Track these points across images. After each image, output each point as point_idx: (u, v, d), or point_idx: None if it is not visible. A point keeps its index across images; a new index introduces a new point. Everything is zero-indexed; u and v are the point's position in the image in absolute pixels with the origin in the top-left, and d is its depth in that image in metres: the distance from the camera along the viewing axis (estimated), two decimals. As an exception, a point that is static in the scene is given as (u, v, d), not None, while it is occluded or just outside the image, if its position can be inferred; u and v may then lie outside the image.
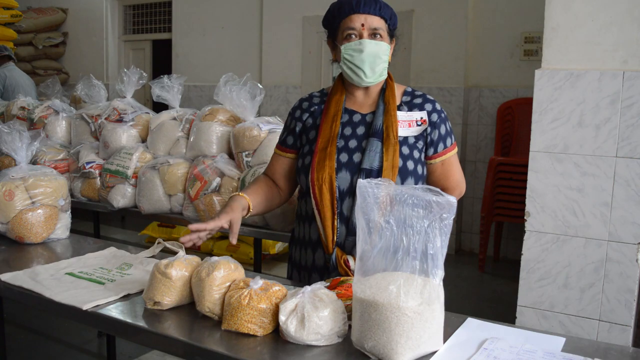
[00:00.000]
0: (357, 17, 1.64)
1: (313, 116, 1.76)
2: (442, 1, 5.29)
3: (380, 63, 1.65)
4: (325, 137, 1.68)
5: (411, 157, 1.67)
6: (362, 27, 1.63)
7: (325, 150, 1.66)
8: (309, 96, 1.83)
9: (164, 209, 2.62)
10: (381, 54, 1.65)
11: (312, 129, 1.75)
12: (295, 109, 1.82)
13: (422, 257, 1.16)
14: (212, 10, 6.78)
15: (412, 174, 1.66)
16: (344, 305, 1.28)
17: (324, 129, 1.69)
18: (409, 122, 1.69)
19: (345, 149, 1.67)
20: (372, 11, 1.63)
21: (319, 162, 1.65)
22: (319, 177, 1.64)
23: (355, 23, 1.64)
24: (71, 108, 3.33)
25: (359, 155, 1.66)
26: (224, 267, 1.38)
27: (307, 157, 1.72)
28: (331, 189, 1.63)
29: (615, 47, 2.25)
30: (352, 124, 1.71)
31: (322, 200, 1.63)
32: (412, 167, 1.67)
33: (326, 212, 1.63)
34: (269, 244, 4.62)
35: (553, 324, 2.40)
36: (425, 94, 1.76)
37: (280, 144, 1.84)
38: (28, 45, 7.49)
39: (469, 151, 5.41)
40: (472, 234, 5.39)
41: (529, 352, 1.21)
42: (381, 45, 1.65)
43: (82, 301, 1.48)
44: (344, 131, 1.70)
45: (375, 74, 1.66)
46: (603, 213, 2.28)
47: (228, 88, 2.60)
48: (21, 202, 2.04)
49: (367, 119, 1.70)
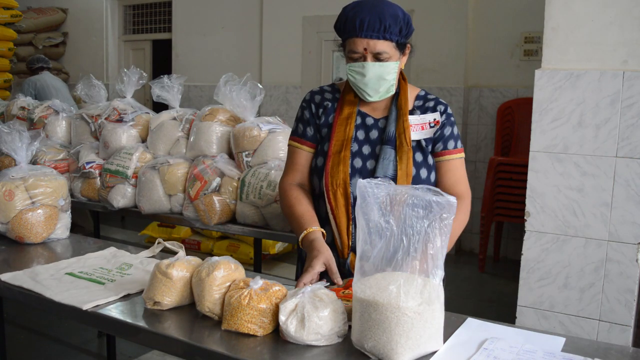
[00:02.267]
0: (360, 41, 1.55)
1: (326, 113, 1.71)
2: (442, 1, 5.29)
3: (385, 84, 1.61)
4: (339, 139, 1.65)
5: (425, 164, 1.66)
6: (364, 51, 1.56)
7: (340, 154, 1.63)
8: (320, 89, 1.76)
9: (164, 209, 2.62)
10: (385, 75, 1.59)
11: (324, 126, 1.70)
12: (309, 102, 1.74)
13: (422, 257, 1.16)
14: (212, 10, 6.78)
15: (426, 183, 1.64)
16: (344, 306, 1.28)
17: (338, 130, 1.66)
18: (422, 125, 1.66)
19: (359, 154, 1.65)
20: (374, 35, 1.54)
21: (333, 167, 1.63)
22: (333, 182, 1.61)
23: (357, 47, 1.56)
24: (71, 108, 3.33)
25: (372, 162, 1.64)
26: (224, 267, 1.38)
27: (319, 158, 1.68)
28: (346, 194, 1.61)
29: (615, 47, 2.25)
30: (365, 127, 1.68)
31: (337, 206, 1.61)
32: (425, 175, 1.65)
33: (341, 217, 1.61)
34: (269, 244, 4.62)
35: (553, 324, 2.40)
36: (438, 98, 1.73)
37: (299, 136, 1.73)
38: (28, 45, 7.49)
39: (469, 151, 5.41)
40: (472, 234, 5.38)
41: (529, 352, 1.21)
42: (386, 66, 1.58)
43: (82, 301, 1.48)
44: (357, 134, 1.67)
45: (378, 94, 1.62)
46: (603, 213, 2.28)
47: (228, 88, 2.60)
48: (21, 202, 2.04)
49: (380, 125, 1.68)
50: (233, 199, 2.44)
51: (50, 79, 5.56)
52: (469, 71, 5.36)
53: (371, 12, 1.54)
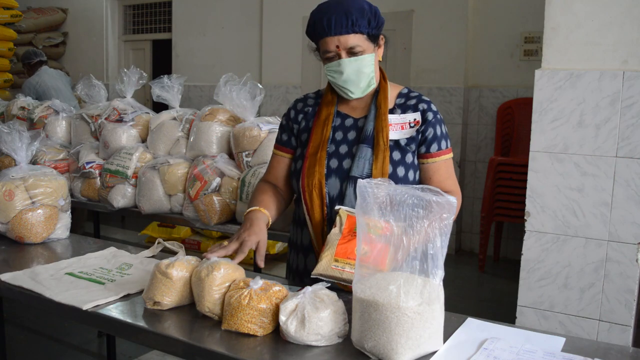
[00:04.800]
0: (331, 40, 1.57)
1: (306, 118, 1.73)
2: (442, 1, 5.29)
3: (364, 77, 1.61)
4: (316, 141, 1.66)
5: (402, 163, 1.63)
6: (337, 48, 1.57)
7: (316, 155, 1.64)
8: (304, 97, 1.80)
9: (164, 209, 2.62)
10: (363, 68, 1.60)
11: (304, 131, 1.72)
12: (290, 109, 1.79)
13: (422, 257, 1.16)
14: (212, 10, 6.78)
15: (403, 181, 1.61)
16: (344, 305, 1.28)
17: (315, 132, 1.67)
18: (402, 125, 1.64)
19: (335, 155, 1.65)
20: (344, 31, 1.55)
21: (309, 168, 1.63)
22: (309, 182, 1.62)
23: (330, 46, 1.58)
24: (71, 108, 3.33)
25: (349, 161, 1.63)
26: (224, 267, 1.38)
27: (298, 161, 1.70)
28: (321, 195, 1.61)
29: (615, 47, 2.25)
30: (344, 128, 1.68)
31: (312, 207, 1.62)
32: (402, 173, 1.62)
33: (316, 218, 1.61)
34: (269, 244, 4.61)
35: (553, 324, 2.40)
36: (420, 95, 1.70)
37: (279, 144, 1.79)
38: (28, 45, 7.49)
39: (469, 151, 5.41)
40: (472, 234, 5.39)
41: (529, 352, 1.21)
42: (362, 59, 1.59)
43: (82, 301, 1.47)
44: (335, 135, 1.67)
45: (360, 89, 1.62)
46: (603, 213, 2.28)
47: (228, 88, 2.60)
48: (21, 202, 2.04)
49: (359, 124, 1.67)
50: (233, 199, 2.44)
51: (49, 78, 5.41)
52: (469, 71, 5.36)
53: (337, 10, 1.56)
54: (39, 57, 5.57)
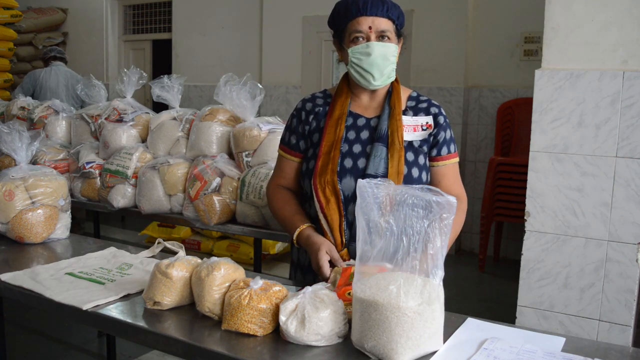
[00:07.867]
0: (365, 20, 1.59)
1: (317, 118, 1.73)
2: (442, 1, 5.29)
3: (389, 65, 1.62)
4: (329, 140, 1.66)
5: (416, 164, 1.65)
6: (369, 29, 1.59)
7: (329, 154, 1.64)
8: (312, 97, 1.79)
9: (164, 209, 2.62)
10: (389, 56, 1.61)
11: (315, 131, 1.72)
12: (300, 110, 1.77)
13: (422, 257, 1.16)
14: (212, 10, 6.78)
15: (417, 182, 1.63)
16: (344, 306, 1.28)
17: (328, 132, 1.67)
18: (414, 127, 1.67)
19: (349, 154, 1.65)
20: (379, 13, 1.59)
21: (322, 167, 1.63)
22: (321, 180, 1.62)
23: (362, 26, 1.59)
24: (71, 108, 3.33)
25: (363, 160, 1.64)
26: (224, 267, 1.38)
27: (311, 161, 1.70)
28: (335, 192, 1.61)
29: (615, 47, 2.25)
30: (356, 127, 1.68)
31: (328, 204, 1.61)
32: (417, 174, 1.65)
33: (333, 214, 1.61)
34: (269, 244, 4.62)
35: (553, 324, 2.40)
36: (430, 99, 1.74)
37: (287, 146, 1.78)
38: (28, 45, 7.48)
39: (469, 151, 5.41)
40: (472, 234, 5.39)
41: (529, 352, 1.21)
42: (389, 47, 1.61)
43: (82, 301, 1.48)
44: (348, 135, 1.67)
45: (383, 76, 1.63)
46: (603, 213, 2.28)
47: (228, 88, 2.60)
48: (21, 202, 2.04)
49: (372, 124, 1.68)
50: (233, 199, 2.44)
51: (50, 78, 5.37)
52: (468, 71, 5.36)
53: None
54: (56, 52, 5.58)
